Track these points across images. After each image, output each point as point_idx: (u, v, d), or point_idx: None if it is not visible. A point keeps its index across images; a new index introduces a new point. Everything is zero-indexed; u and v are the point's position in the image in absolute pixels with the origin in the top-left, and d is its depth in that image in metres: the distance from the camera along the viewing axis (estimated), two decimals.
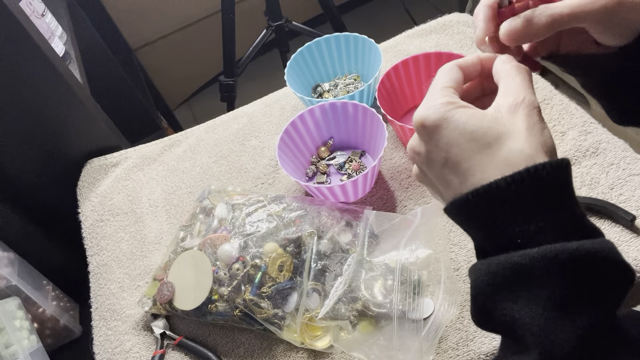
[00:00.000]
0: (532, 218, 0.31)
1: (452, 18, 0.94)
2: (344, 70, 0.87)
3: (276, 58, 1.61)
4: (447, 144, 0.35)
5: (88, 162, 0.90)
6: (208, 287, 0.62)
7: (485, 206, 0.33)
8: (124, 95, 1.40)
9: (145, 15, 1.68)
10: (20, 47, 0.74)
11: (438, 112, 0.35)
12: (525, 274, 0.31)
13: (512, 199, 0.32)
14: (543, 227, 0.31)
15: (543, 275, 0.30)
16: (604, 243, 0.31)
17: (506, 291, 0.32)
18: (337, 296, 0.59)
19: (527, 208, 0.32)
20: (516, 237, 0.32)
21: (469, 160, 0.34)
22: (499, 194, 0.32)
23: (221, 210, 0.68)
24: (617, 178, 0.66)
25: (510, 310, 0.31)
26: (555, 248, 0.30)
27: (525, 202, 0.32)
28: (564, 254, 0.30)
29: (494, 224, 0.33)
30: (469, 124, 0.34)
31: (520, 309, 0.31)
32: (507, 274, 0.31)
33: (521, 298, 0.31)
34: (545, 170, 0.31)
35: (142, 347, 0.67)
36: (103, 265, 0.76)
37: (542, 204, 0.32)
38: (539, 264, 0.30)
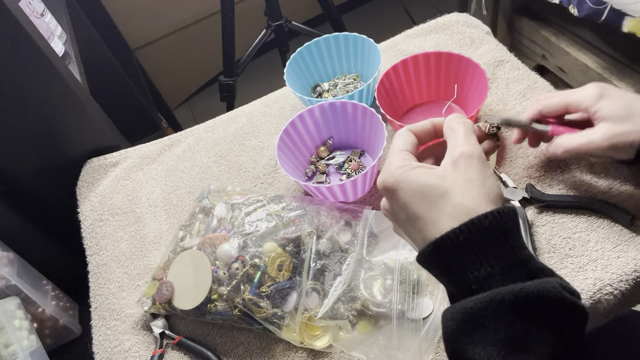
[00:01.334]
0: (481, 264, 0.34)
1: (452, 18, 0.94)
2: (344, 70, 0.87)
3: (276, 58, 1.61)
4: (404, 203, 0.39)
5: (87, 161, 0.90)
6: (207, 287, 0.62)
7: (441, 256, 0.36)
8: (124, 95, 1.40)
9: (145, 15, 1.68)
10: (19, 47, 0.74)
11: (393, 176, 0.40)
12: (479, 318, 0.33)
13: (460, 248, 0.35)
14: (491, 272, 0.34)
15: (493, 317, 0.33)
16: (547, 283, 0.33)
17: (467, 335, 0.34)
18: (336, 296, 0.59)
19: (475, 255, 0.35)
20: (470, 283, 0.35)
21: (424, 217, 0.38)
22: (449, 245, 0.35)
23: (220, 210, 0.68)
24: (617, 177, 0.66)
25: (472, 354, 0.33)
26: (501, 291, 0.33)
27: (472, 250, 0.35)
28: (509, 295, 0.32)
29: (451, 272, 0.36)
30: (419, 183, 0.38)
31: (480, 351, 0.33)
32: (466, 319, 0.34)
33: (479, 341, 0.33)
34: (487, 220, 0.35)
35: (142, 347, 0.67)
36: (102, 265, 0.76)
37: (488, 251, 0.34)
38: (489, 307, 0.33)
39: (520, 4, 1.46)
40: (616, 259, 0.59)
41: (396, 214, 0.41)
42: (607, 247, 0.60)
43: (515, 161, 0.71)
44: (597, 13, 1.11)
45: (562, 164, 0.69)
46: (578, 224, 0.63)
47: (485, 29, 0.91)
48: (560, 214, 0.64)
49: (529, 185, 0.66)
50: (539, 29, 1.40)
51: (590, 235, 0.62)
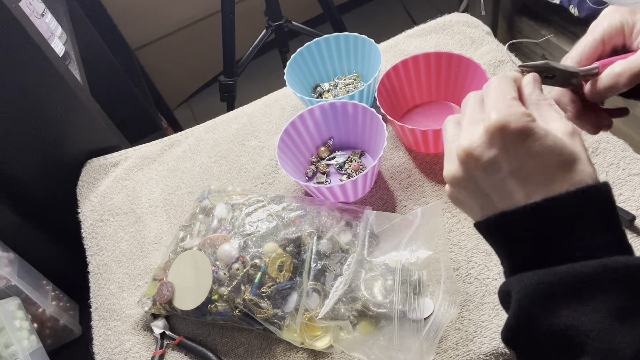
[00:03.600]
0: (597, 234, 0.34)
1: (452, 18, 0.94)
2: (344, 70, 0.87)
3: (276, 58, 1.61)
4: (526, 154, 0.35)
5: (88, 162, 0.90)
6: (208, 287, 0.62)
7: (549, 216, 0.34)
8: (124, 95, 1.40)
9: (145, 15, 1.68)
10: (19, 47, 0.74)
11: (521, 121, 0.35)
12: (588, 283, 0.32)
13: (582, 213, 0.34)
14: (602, 243, 0.33)
15: (607, 284, 0.32)
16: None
17: (565, 299, 0.33)
18: (337, 296, 0.59)
19: (594, 222, 0.34)
20: (574, 250, 0.33)
21: (544, 174, 0.35)
22: (573, 206, 0.34)
23: (221, 210, 0.68)
24: (617, 178, 0.66)
25: (567, 319, 0.32)
26: (614, 260, 0.32)
27: (593, 217, 0.34)
28: (621, 265, 0.32)
29: (552, 236, 0.34)
30: (549, 140, 0.35)
31: (581, 316, 0.32)
32: (569, 282, 0.33)
33: (582, 306, 0.32)
34: (606, 190, 0.34)
35: (142, 347, 0.67)
36: (103, 265, 0.76)
37: (606, 220, 0.34)
38: (601, 274, 0.32)
39: (521, 4, 1.46)
40: None
41: (497, 163, 0.36)
42: None
43: None
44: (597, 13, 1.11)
45: None
46: None
47: (485, 29, 0.91)
48: None
49: None
50: (539, 29, 1.40)
51: None
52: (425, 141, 0.72)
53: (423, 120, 0.80)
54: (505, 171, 0.36)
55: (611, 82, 0.43)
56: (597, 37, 0.46)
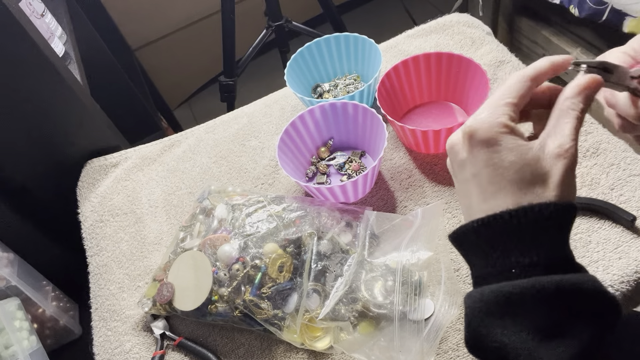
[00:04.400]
0: (529, 251, 0.34)
1: (452, 18, 0.94)
2: (344, 71, 0.87)
3: (276, 58, 1.61)
4: (484, 163, 0.36)
5: (88, 162, 0.90)
6: (208, 288, 0.62)
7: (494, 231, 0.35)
8: (124, 95, 1.40)
9: (145, 15, 1.68)
10: (19, 48, 0.74)
11: (489, 132, 0.36)
12: (515, 303, 0.33)
13: (516, 230, 0.34)
14: (537, 261, 0.34)
15: (531, 303, 0.33)
16: (588, 276, 0.34)
17: (498, 318, 0.34)
18: (337, 297, 0.59)
19: (528, 241, 0.34)
20: (511, 267, 0.34)
21: (497, 186, 0.35)
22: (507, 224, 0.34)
23: (221, 211, 0.68)
24: (618, 178, 0.65)
25: (500, 336, 0.33)
26: (543, 280, 0.33)
27: (525, 236, 0.34)
28: (550, 284, 0.32)
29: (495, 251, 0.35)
30: (511, 154, 0.35)
31: (511, 335, 0.33)
32: (500, 302, 0.34)
33: (511, 325, 0.33)
34: (549, 210, 0.34)
35: (142, 348, 0.67)
36: (103, 266, 0.76)
37: (541, 240, 0.34)
38: (528, 294, 0.33)
39: (521, 4, 1.45)
40: (617, 260, 0.59)
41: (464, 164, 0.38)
42: (608, 248, 0.60)
43: None
44: (597, 13, 1.11)
45: None
46: (579, 225, 0.63)
47: (485, 30, 0.91)
48: None
49: None
50: (539, 29, 1.40)
51: (591, 237, 0.61)
52: (425, 142, 0.72)
53: (423, 121, 0.79)
54: (469, 172, 0.37)
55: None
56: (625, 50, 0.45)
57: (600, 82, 0.38)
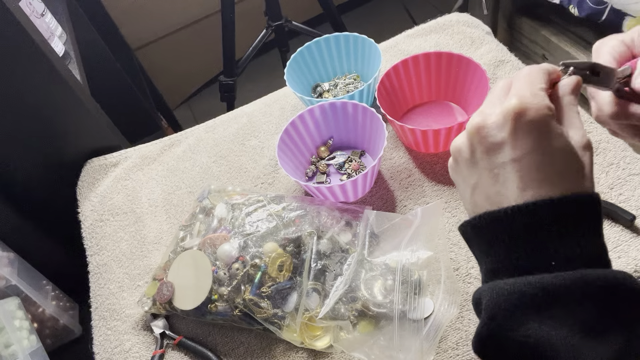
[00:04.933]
0: (570, 243, 0.32)
1: (452, 18, 0.94)
2: (344, 70, 0.87)
3: (276, 58, 1.61)
4: (534, 147, 0.34)
5: (88, 162, 0.90)
6: (208, 287, 0.62)
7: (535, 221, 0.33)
8: (124, 95, 1.40)
9: (145, 15, 1.68)
10: (19, 47, 0.74)
11: (541, 113, 0.34)
12: (559, 296, 0.31)
13: (560, 220, 0.32)
14: (579, 254, 0.32)
15: (578, 298, 0.31)
16: (627, 274, 0.32)
17: (534, 312, 0.31)
18: (337, 296, 0.59)
19: (570, 233, 0.32)
20: (551, 259, 0.32)
21: (543, 173, 0.33)
22: (557, 214, 0.32)
23: (221, 210, 0.68)
24: (617, 178, 0.66)
25: (537, 332, 0.31)
26: (590, 273, 0.31)
27: (569, 226, 0.32)
28: (598, 279, 0.31)
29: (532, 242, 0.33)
30: (561, 141, 0.34)
31: (550, 330, 0.31)
32: (540, 294, 0.31)
33: (549, 319, 0.31)
34: (592, 200, 0.33)
35: (142, 347, 0.67)
36: (103, 265, 0.76)
37: (582, 231, 0.33)
38: (575, 287, 0.31)
39: (521, 4, 1.46)
40: (617, 259, 0.59)
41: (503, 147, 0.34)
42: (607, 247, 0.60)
43: None
44: (597, 13, 1.11)
45: None
46: None
47: (485, 29, 0.91)
48: None
49: None
50: (539, 29, 1.40)
51: None
52: (425, 141, 0.72)
53: (423, 120, 0.80)
54: (507, 157, 0.34)
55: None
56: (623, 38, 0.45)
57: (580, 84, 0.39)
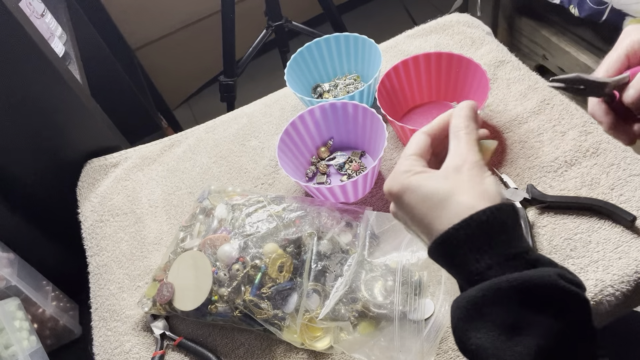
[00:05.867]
0: (481, 257, 0.37)
1: (452, 18, 0.94)
2: (344, 71, 0.87)
3: (276, 58, 1.61)
4: (410, 207, 0.41)
5: (88, 162, 0.90)
6: (208, 288, 0.62)
7: (447, 251, 0.39)
8: (124, 95, 1.40)
9: (145, 15, 1.68)
10: (19, 48, 0.74)
11: (398, 182, 0.42)
12: (479, 306, 0.36)
13: (462, 243, 0.37)
14: (490, 264, 0.36)
15: (492, 304, 0.35)
16: (544, 271, 0.36)
17: (469, 322, 0.36)
18: (337, 297, 0.59)
19: (476, 249, 0.37)
20: (473, 275, 0.37)
21: (427, 217, 0.40)
22: (452, 241, 0.38)
23: (221, 211, 0.68)
24: (618, 178, 0.65)
25: (475, 340, 0.36)
26: (499, 280, 0.35)
27: (472, 244, 0.37)
28: (505, 283, 0.35)
29: (457, 265, 0.39)
30: (422, 188, 0.41)
31: (482, 337, 0.35)
32: (469, 307, 0.36)
33: (481, 327, 0.36)
34: (485, 215, 0.37)
35: (142, 348, 0.67)
36: (103, 266, 0.76)
37: (486, 244, 0.37)
38: (487, 295, 0.35)
39: (521, 4, 1.46)
40: (617, 260, 0.59)
41: (404, 217, 0.43)
42: (608, 248, 0.60)
43: (516, 162, 0.71)
44: (597, 13, 1.11)
45: (563, 164, 0.69)
46: (579, 225, 0.63)
47: (485, 30, 0.91)
48: (561, 214, 0.64)
49: (530, 186, 0.66)
50: (539, 29, 1.40)
51: (591, 236, 0.61)
52: None
53: (423, 121, 0.79)
54: (409, 221, 0.43)
55: None
56: (621, 52, 0.49)
57: (475, 105, 0.44)
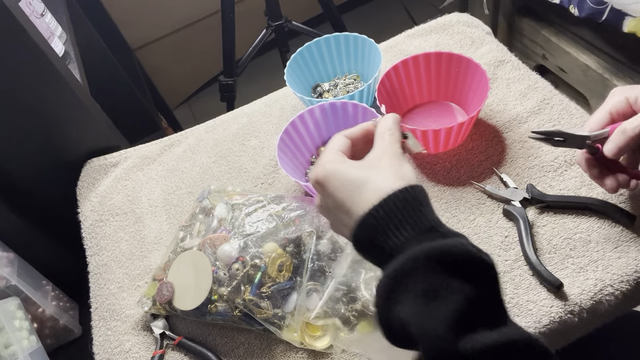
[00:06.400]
0: (399, 232, 0.39)
1: (452, 18, 0.94)
2: (344, 70, 0.87)
3: (276, 58, 1.61)
4: (332, 193, 0.44)
5: (88, 162, 0.90)
6: (208, 287, 0.62)
7: (368, 232, 0.41)
8: (124, 95, 1.40)
9: (145, 15, 1.68)
10: (19, 47, 0.74)
11: (323, 169, 0.45)
12: (399, 278, 0.38)
13: (381, 221, 0.40)
14: (408, 237, 0.39)
15: (410, 274, 0.37)
16: (455, 240, 0.38)
17: (392, 297, 0.38)
18: (328, 294, 0.59)
19: (394, 225, 0.40)
20: (392, 252, 0.39)
21: (349, 201, 0.43)
22: (372, 220, 0.40)
23: (221, 210, 0.68)
24: None
25: (397, 313, 0.37)
26: (414, 250, 0.38)
27: (390, 220, 0.40)
28: (421, 252, 0.37)
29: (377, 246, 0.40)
30: (345, 174, 0.44)
31: (404, 309, 0.37)
32: (390, 283, 0.38)
33: (403, 300, 0.37)
34: (402, 194, 0.40)
35: (142, 347, 0.67)
36: (103, 266, 0.76)
37: (403, 219, 0.39)
38: (405, 266, 0.37)
39: (521, 4, 1.46)
40: (617, 259, 0.59)
41: (327, 205, 0.46)
42: (608, 247, 0.60)
43: (516, 161, 0.71)
44: (597, 13, 1.11)
45: (562, 163, 0.69)
46: (579, 225, 0.63)
47: (485, 29, 0.91)
48: (561, 214, 0.64)
49: (530, 186, 0.66)
50: (539, 29, 1.40)
51: (591, 236, 0.61)
52: (425, 141, 0.72)
53: (423, 120, 0.80)
54: (332, 207, 0.45)
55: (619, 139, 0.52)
56: (605, 111, 0.56)
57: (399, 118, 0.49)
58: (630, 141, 0.52)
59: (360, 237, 0.42)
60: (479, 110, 0.70)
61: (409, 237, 0.39)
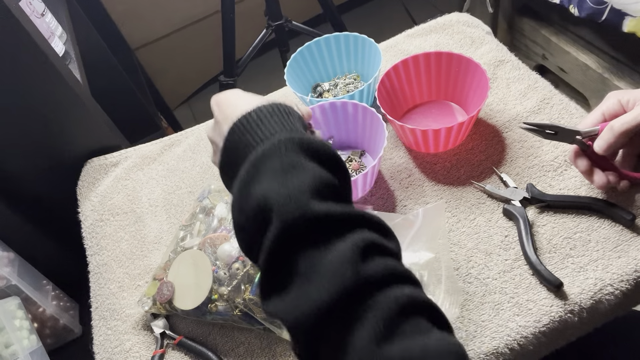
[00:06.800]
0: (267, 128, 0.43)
1: (452, 18, 0.94)
2: (344, 70, 0.87)
3: (276, 58, 1.61)
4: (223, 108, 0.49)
5: (88, 161, 0.90)
6: (208, 287, 0.62)
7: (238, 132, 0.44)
8: (124, 95, 1.40)
9: (145, 15, 1.68)
10: (20, 47, 0.74)
11: (225, 93, 0.51)
12: (261, 160, 0.41)
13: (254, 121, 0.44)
14: (276, 129, 0.43)
15: (271, 155, 0.41)
16: (321, 140, 0.43)
17: (251, 181, 0.41)
18: None
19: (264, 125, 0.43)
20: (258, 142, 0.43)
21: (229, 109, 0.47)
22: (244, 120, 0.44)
23: (221, 210, 0.68)
24: None
25: (256, 191, 0.40)
26: (280, 136, 0.42)
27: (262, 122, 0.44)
28: (285, 139, 0.41)
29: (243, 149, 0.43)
30: (238, 97, 0.49)
31: (262, 185, 0.39)
32: (251, 167, 0.41)
33: (261, 179, 0.40)
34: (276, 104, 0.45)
35: (142, 347, 0.67)
36: (103, 265, 0.76)
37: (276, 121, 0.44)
38: (267, 150, 0.41)
39: (521, 4, 1.46)
40: (617, 259, 0.59)
41: (215, 123, 0.50)
42: (607, 247, 0.60)
43: (516, 161, 0.71)
44: (597, 13, 1.11)
45: (562, 163, 0.69)
46: (579, 224, 0.63)
47: (485, 29, 0.91)
48: (561, 213, 0.64)
49: (530, 185, 0.66)
50: (539, 29, 1.40)
51: (591, 235, 0.62)
52: (425, 141, 0.72)
53: (423, 120, 0.80)
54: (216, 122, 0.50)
55: (607, 135, 0.56)
56: (598, 111, 0.59)
57: None
58: (619, 137, 0.55)
59: (232, 140, 0.44)
60: (479, 110, 0.70)
61: (277, 130, 0.43)
